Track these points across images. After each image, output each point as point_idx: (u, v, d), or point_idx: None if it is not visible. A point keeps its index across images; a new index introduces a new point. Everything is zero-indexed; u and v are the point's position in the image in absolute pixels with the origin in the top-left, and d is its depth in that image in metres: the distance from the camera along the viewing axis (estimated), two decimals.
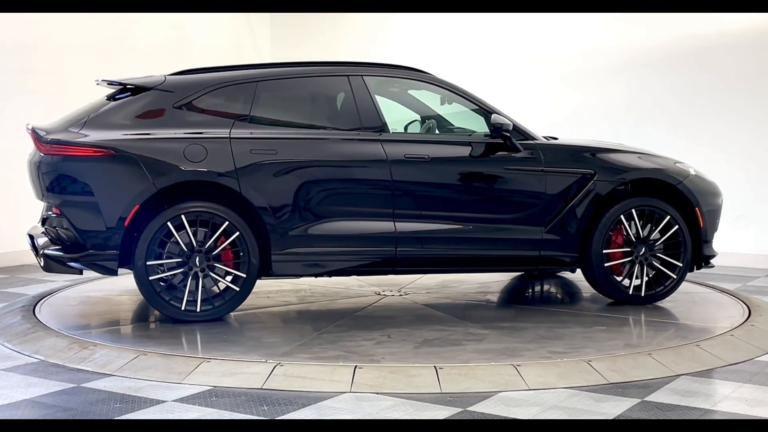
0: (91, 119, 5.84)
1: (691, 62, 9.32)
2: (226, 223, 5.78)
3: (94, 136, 5.73)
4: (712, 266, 6.70)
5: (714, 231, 6.60)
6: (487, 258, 6.24)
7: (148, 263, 5.69)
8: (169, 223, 5.72)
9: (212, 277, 5.82)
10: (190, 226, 5.76)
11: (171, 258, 5.77)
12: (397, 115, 6.64)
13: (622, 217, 6.30)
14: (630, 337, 5.65)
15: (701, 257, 6.50)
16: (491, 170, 6.19)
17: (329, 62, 6.50)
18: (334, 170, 5.99)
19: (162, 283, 5.83)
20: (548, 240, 6.21)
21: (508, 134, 6.11)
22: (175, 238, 5.74)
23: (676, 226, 6.37)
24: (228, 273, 5.88)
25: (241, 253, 5.84)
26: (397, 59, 7.99)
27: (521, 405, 4.34)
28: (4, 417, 4.18)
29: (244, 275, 5.85)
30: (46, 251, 5.81)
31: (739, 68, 9.10)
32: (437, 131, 6.59)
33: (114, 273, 5.77)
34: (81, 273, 5.98)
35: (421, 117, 6.73)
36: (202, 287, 5.78)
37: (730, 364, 5.14)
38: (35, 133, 5.83)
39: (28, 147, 6.13)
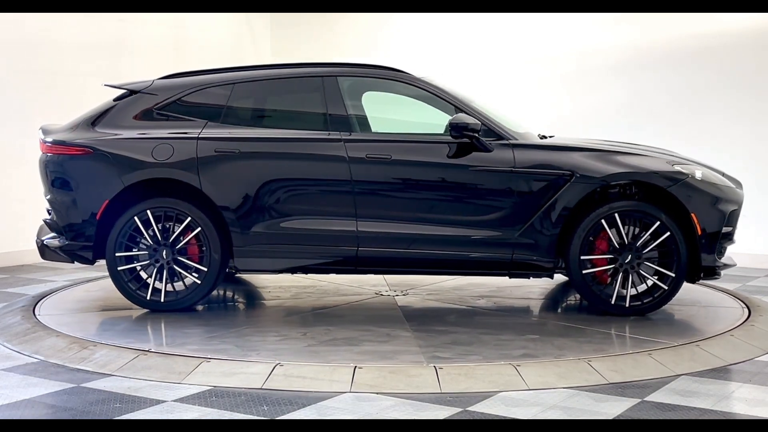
0: (88, 120, 6.29)
1: (691, 62, 9.32)
2: (189, 218, 6.06)
3: (83, 135, 6.18)
4: (717, 277, 6.10)
5: (717, 240, 5.98)
6: (454, 261, 6.06)
7: (117, 254, 6.10)
8: (135, 218, 6.08)
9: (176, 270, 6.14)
10: (158, 222, 6.09)
11: (139, 250, 6.15)
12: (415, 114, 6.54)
13: (603, 221, 5.94)
14: (547, 346, 5.27)
15: (699, 268, 5.98)
16: (456, 170, 5.98)
17: (306, 63, 6.56)
18: (294, 169, 6.08)
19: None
20: (521, 243, 5.97)
21: (474, 134, 5.89)
22: (143, 232, 6.10)
23: (668, 233, 5.92)
24: (197, 268, 6.13)
25: (204, 248, 6.07)
26: (397, 59, 8.00)
27: (521, 405, 4.34)
28: (4, 417, 4.18)
29: (206, 269, 6.07)
30: (42, 240, 6.38)
31: (739, 68, 9.09)
32: None
33: (90, 262, 6.28)
34: (72, 262, 6.34)
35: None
36: (167, 279, 6.12)
37: (730, 364, 5.14)
38: (40, 133, 6.32)
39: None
